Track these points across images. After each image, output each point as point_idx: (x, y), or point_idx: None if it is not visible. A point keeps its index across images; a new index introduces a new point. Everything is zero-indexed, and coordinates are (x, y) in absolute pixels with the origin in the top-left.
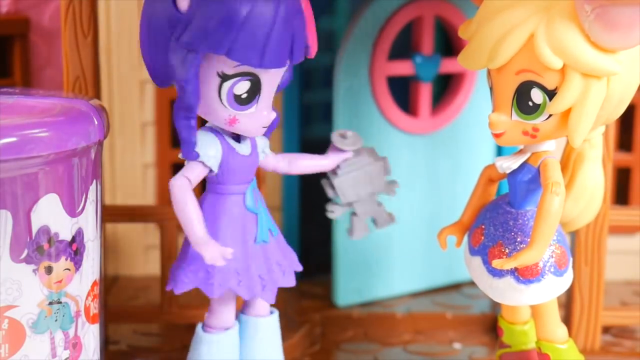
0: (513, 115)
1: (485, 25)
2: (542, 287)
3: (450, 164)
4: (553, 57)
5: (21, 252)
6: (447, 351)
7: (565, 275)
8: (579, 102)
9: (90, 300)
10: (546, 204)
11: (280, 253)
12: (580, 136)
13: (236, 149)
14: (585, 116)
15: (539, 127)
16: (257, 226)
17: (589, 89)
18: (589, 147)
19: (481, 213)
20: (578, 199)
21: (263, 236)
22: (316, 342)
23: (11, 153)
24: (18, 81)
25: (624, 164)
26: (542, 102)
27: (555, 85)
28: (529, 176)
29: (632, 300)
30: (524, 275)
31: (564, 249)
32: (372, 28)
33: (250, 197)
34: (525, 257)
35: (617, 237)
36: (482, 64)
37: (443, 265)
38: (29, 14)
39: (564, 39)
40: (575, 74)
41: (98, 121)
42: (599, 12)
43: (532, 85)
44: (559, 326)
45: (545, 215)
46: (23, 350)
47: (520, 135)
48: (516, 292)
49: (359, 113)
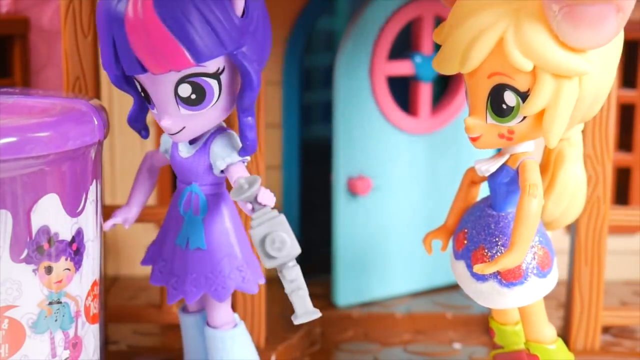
0: (488, 119)
1: (455, 29)
2: (525, 289)
3: (450, 164)
4: (523, 59)
5: (21, 252)
6: (447, 351)
7: (548, 277)
8: (551, 103)
9: (90, 300)
10: (524, 206)
11: (210, 262)
12: (555, 136)
13: (178, 149)
14: (559, 117)
15: (514, 129)
16: (180, 229)
17: (561, 89)
18: (569, 146)
19: (464, 217)
20: (560, 199)
21: (180, 240)
22: (316, 342)
23: (11, 153)
24: (18, 81)
25: (624, 164)
26: (515, 105)
27: (528, 87)
28: (508, 178)
29: (632, 300)
30: (507, 279)
31: (546, 249)
32: (372, 28)
33: (182, 199)
34: (506, 261)
35: (617, 237)
36: (455, 68)
37: (443, 265)
38: (29, 14)
39: (532, 40)
40: (546, 76)
41: (98, 121)
42: (566, 11)
43: (504, 88)
44: (546, 326)
45: (524, 218)
46: (23, 350)
47: (496, 138)
48: (500, 296)
49: (359, 113)
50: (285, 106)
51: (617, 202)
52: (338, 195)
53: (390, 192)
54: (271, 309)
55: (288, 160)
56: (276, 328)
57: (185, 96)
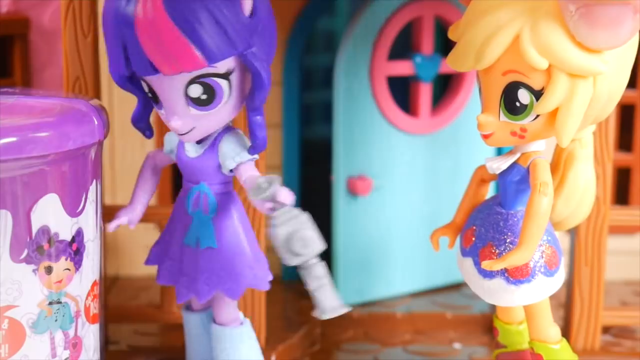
0: (501, 116)
1: (471, 26)
2: (532, 287)
3: (450, 164)
4: (538, 57)
5: (21, 252)
6: (447, 351)
7: (555, 276)
8: (565, 102)
9: (90, 300)
10: (534, 204)
11: (221, 260)
12: (567, 136)
13: (184, 149)
14: (572, 116)
15: (527, 128)
16: (189, 229)
17: (576, 88)
18: (579, 147)
19: (472, 214)
20: (569, 199)
21: (188, 240)
22: (316, 342)
23: (11, 153)
24: (18, 81)
25: (624, 164)
26: (529, 103)
27: (542, 86)
28: (518, 177)
29: (632, 300)
30: (514, 276)
31: (554, 249)
32: (372, 28)
33: (191, 199)
34: (514, 258)
35: (617, 237)
36: (470, 65)
37: (443, 265)
38: (29, 14)
39: (549, 39)
40: (561, 74)
41: (98, 121)
42: (583, 11)
43: (518, 85)
44: (551, 326)
45: (534, 216)
46: (23, 350)
47: (509, 136)
48: (507, 293)
49: (359, 113)
50: (285, 106)
51: (617, 202)
52: (338, 196)
53: (391, 192)
54: (271, 309)
55: (288, 160)
56: (276, 328)
57: (196, 96)
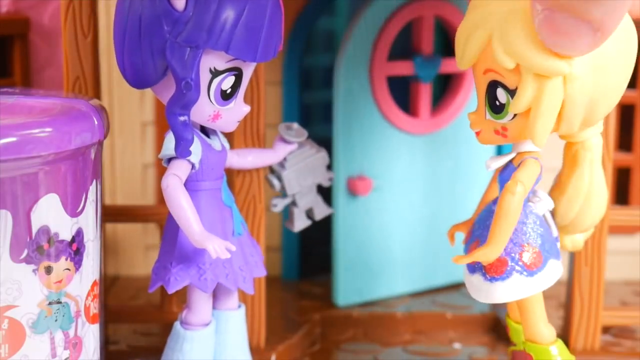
0: (487, 114)
1: (460, 26)
2: (507, 285)
3: (450, 164)
4: (505, 57)
5: (21, 252)
6: (447, 351)
7: (536, 276)
8: (534, 102)
9: (90, 300)
10: (503, 202)
11: (251, 244)
12: (538, 136)
13: (212, 145)
14: (541, 116)
15: (507, 127)
16: (232, 220)
17: (543, 89)
18: (582, 150)
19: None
20: (571, 202)
21: (239, 229)
22: (316, 342)
23: (11, 153)
24: (18, 81)
25: (624, 164)
26: (506, 102)
27: (516, 85)
28: (509, 175)
29: (632, 300)
30: (489, 273)
31: (537, 249)
32: (372, 28)
33: (225, 192)
34: (480, 254)
35: (617, 237)
36: (458, 63)
37: (443, 265)
38: (29, 14)
39: (514, 39)
40: (528, 74)
41: (98, 121)
42: (547, 14)
43: (497, 84)
44: (543, 327)
45: (501, 214)
46: (23, 350)
47: (493, 135)
48: (483, 289)
49: (359, 113)
50: (285, 106)
51: (617, 202)
52: (338, 195)
53: (391, 192)
54: (271, 309)
55: None
56: (276, 328)
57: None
